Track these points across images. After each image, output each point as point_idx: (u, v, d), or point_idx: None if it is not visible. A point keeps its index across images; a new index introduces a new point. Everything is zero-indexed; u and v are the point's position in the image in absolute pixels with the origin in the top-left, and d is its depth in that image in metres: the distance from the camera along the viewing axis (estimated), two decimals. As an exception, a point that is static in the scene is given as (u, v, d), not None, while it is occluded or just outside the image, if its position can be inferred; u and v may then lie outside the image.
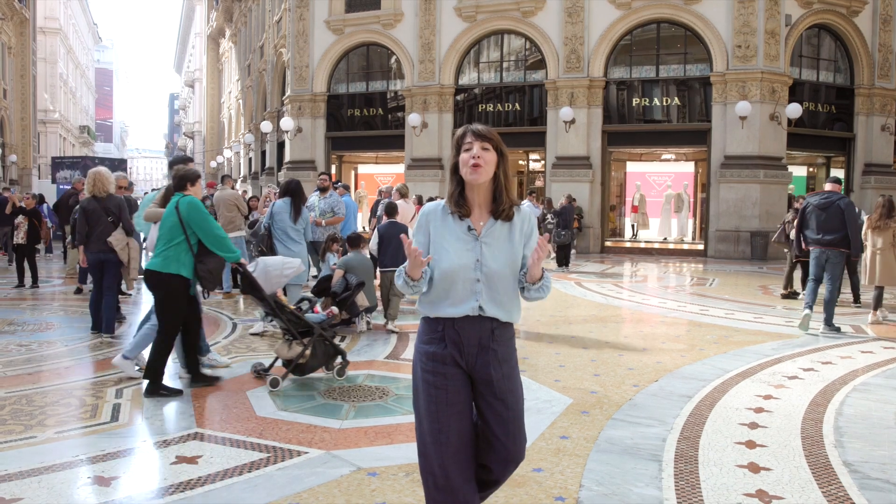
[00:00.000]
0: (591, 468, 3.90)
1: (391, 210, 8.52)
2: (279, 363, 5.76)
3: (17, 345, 7.02)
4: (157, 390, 5.24)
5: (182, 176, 5.55)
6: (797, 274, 11.13)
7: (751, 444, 4.29)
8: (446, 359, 2.55)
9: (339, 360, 5.80)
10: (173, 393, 5.27)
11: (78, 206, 7.88)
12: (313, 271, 10.15)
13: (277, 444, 4.21)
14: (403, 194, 10.33)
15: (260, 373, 5.77)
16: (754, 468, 3.92)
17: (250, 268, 5.66)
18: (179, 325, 5.45)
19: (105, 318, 7.30)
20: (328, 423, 4.63)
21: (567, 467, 3.91)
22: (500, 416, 2.55)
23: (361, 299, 7.65)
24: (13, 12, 37.36)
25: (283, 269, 5.75)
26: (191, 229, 5.35)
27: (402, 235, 2.68)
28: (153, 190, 13.26)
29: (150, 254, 5.68)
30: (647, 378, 5.91)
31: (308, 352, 5.56)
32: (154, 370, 5.28)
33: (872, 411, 5.04)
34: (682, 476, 3.81)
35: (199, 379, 5.57)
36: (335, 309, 6.22)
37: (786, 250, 11.56)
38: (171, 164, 6.18)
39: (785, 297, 10.96)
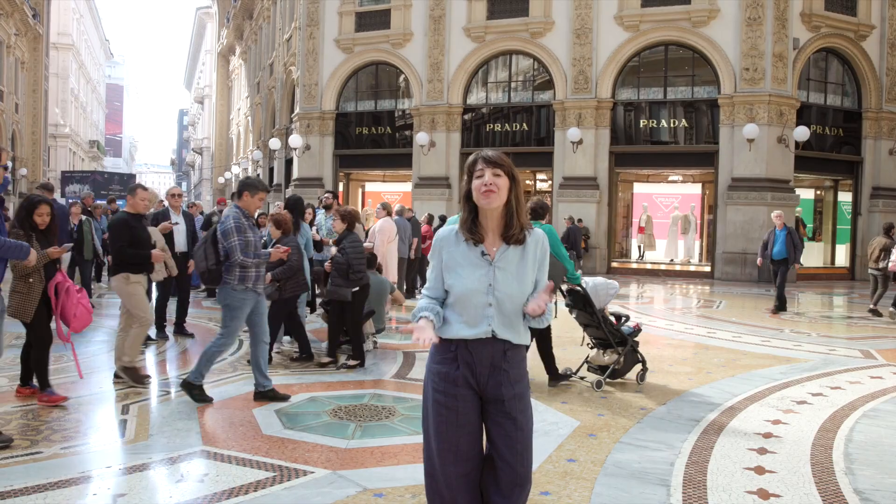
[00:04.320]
0: (598, 492, 3.87)
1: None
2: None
3: (24, 359, 7.02)
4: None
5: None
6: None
7: (760, 470, 4.25)
8: (458, 380, 2.55)
9: (639, 367, 6.52)
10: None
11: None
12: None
13: (283, 462, 4.20)
14: (389, 212, 10.33)
15: (569, 376, 6.44)
16: (764, 495, 3.88)
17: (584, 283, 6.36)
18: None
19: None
20: (334, 442, 4.61)
21: (574, 491, 3.88)
22: (508, 435, 2.54)
23: (368, 326, 7.67)
24: (27, 28, 37.82)
25: (607, 288, 6.52)
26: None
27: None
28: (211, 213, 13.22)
29: None
30: (655, 401, 5.87)
31: (622, 359, 6.35)
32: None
33: (883, 438, 4.99)
34: (691, 502, 3.77)
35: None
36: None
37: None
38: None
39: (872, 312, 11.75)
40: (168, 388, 6.13)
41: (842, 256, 20.92)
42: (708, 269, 19.73)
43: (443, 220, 15.29)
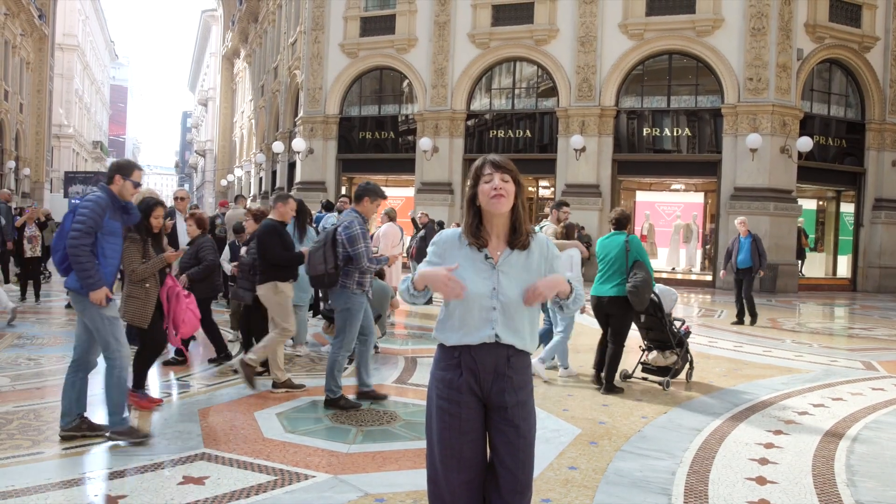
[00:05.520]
0: (599, 500, 3.87)
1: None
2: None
3: (26, 358, 7.04)
4: None
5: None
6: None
7: (761, 481, 4.24)
8: (462, 386, 2.55)
9: (687, 367, 6.98)
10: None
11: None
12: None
13: (285, 466, 4.19)
14: (392, 217, 10.34)
15: (626, 378, 6.86)
16: (765, 505, 3.87)
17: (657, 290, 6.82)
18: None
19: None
20: (335, 446, 4.61)
21: (576, 498, 3.88)
22: (511, 442, 2.53)
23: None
24: (33, 28, 37.95)
25: (671, 294, 7.10)
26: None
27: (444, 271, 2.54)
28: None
29: None
30: (656, 409, 5.87)
31: (679, 360, 6.80)
32: None
33: (885, 450, 4.98)
34: (692, 511, 3.77)
35: None
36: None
37: None
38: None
39: None
40: (169, 389, 6.13)
41: (843, 267, 20.89)
42: (709, 277, 19.71)
43: (441, 225, 15.31)
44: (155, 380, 6.32)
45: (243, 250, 7.17)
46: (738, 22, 18.51)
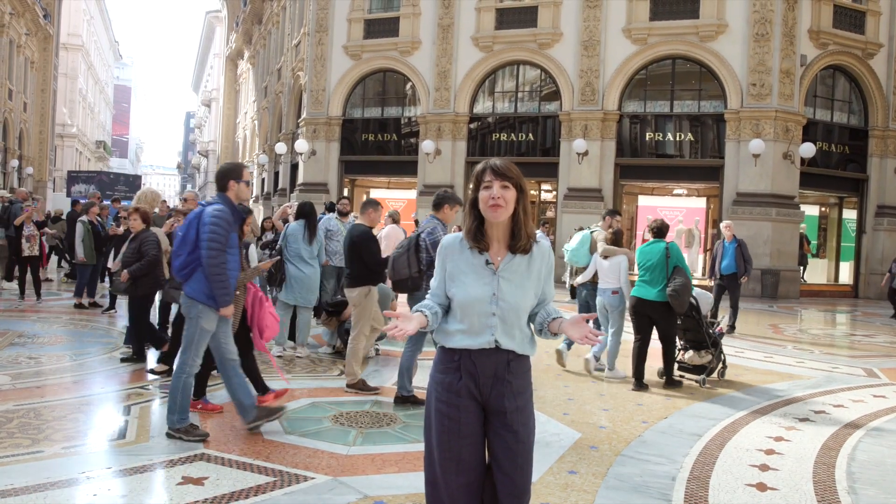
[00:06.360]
0: (599, 505, 3.86)
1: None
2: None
3: (27, 357, 7.04)
4: None
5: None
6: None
7: (762, 487, 4.23)
8: (461, 390, 2.54)
9: (720, 366, 7.30)
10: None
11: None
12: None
13: (284, 468, 4.19)
14: (395, 220, 10.34)
15: (661, 376, 7.11)
16: (765, 511, 3.86)
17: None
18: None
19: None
20: (335, 448, 4.60)
21: (575, 503, 3.87)
22: (509, 447, 2.53)
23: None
24: (38, 28, 38.03)
25: (707, 298, 7.52)
26: None
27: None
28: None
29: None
30: (657, 414, 5.86)
31: (714, 359, 7.16)
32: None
33: (886, 457, 4.96)
34: (692, 517, 3.75)
35: None
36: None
37: None
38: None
39: None
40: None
41: (845, 274, 20.87)
42: (711, 283, 19.65)
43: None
44: (154, 378, 6.32)
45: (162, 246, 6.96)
46: (741, 27, 18.51)
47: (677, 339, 7.28)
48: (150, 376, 6.40)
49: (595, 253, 7.63)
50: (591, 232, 8.10)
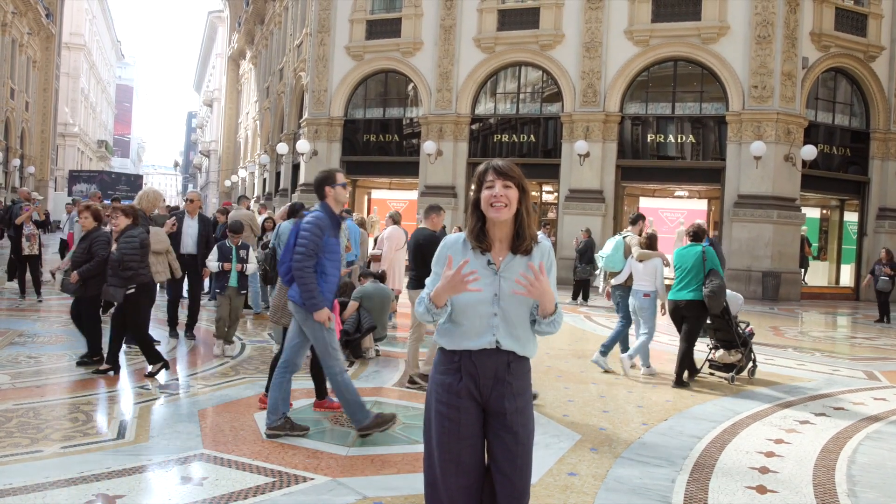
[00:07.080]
0: (599, 507, 3.85)
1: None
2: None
3: (26, 356, 7.04)
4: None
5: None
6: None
7: (762, 490, 4.22)
8: (461, 391, 2.53)
9: (750, 364, 7.55)
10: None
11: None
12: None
13: (283, 468, 4.18)
14: (396, 221, 10.35)
15: (697, 370, 7.45)
16: (765, 514, 3.85)
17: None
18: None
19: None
20: (334, 449, 4.60)
21: (575, 505, 3.86)
22: (509, 449, 2.52)
23: (368, 341, 7.66)
24: (40, 27, 38.08)
25: (738, 299, 7.75)
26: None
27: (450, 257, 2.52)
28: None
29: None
30: (657, 416, 5.85)
31: (744, 358, 7.41)
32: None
33: (886, 460, 4.95)
34: (692, 519, 3.75)
35: None
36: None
37: None
38: None
39: None
40: (169, 389, 6.12)
41: (846, 276, 20.85)
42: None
43: (443, 228, 15.27)
44: (159, 378, 6.31)
45: (114, 246, 6.61)
46: (743, 29, 18.51)
47: (708, 339, 7.69)
48: (153, 378, 6.39)
49: (629, 256, 7.84)
50: (624, 238, 8.27)
